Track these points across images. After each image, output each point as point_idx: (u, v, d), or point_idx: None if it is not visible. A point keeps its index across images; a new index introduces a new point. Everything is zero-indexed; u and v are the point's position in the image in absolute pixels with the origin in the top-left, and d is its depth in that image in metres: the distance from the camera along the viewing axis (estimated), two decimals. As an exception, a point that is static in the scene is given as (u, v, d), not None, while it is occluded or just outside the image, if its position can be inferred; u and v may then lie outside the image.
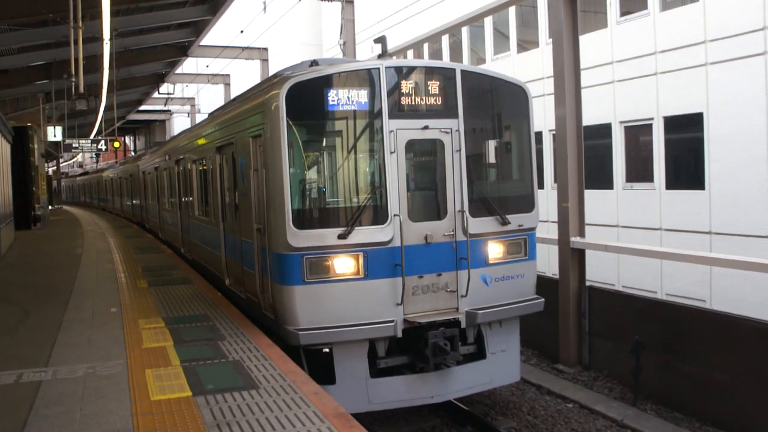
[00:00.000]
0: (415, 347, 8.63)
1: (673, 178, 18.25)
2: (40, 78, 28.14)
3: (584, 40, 13.92)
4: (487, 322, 9.05)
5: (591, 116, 17.25)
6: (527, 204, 9.61)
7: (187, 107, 47.78)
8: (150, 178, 23.68)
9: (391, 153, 8.47)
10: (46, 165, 35.59)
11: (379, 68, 8.54)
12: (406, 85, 8.72)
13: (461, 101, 8.91)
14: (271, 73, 16.15)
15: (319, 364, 8.34)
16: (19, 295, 12.04)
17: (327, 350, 8.35)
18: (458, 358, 8.78)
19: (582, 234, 12.17)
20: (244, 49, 30.66)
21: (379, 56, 9.45)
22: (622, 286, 18.50)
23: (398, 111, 8.63)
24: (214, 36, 29.76)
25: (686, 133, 17.83)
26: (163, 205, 21.07)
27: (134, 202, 30.47)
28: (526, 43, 24.66)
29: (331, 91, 8.34)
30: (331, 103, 8.35)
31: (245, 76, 33.83)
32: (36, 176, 28.40)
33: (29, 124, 28.32)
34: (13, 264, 16.88)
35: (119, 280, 13.23)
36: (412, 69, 9.00)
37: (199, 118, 38.14)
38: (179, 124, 52.54)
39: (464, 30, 27.38)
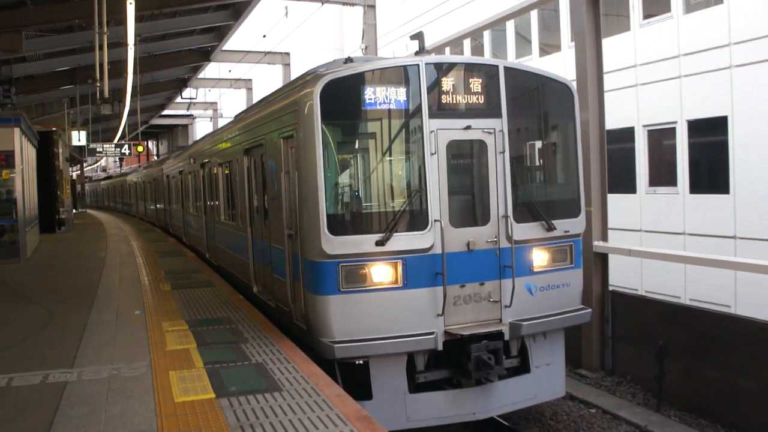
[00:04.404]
0: (455, 361, 8.19)
1: (697, 182, 18.08)
2: (65, 83, 28.54)
3: (607, 43, 13.85)
4: (531, 333, 8.58)
5: (614, 120, 17.16)
6: (573, 208, 9.12)
7: (210, 112, 48.17)
8: (174, 181, 23.66)
9: (432, 154, 8.02)
10: (70, 169, 35.99)
11: (418, 65, 8.08)
12: (447, 83, 8.26)
13: (505, 100, 8.46)
14: (293, 78, 16.10)
15: (354, 378, 7.89)
16: (44, 297, 12.16)
17: (360, 362, 7.94)
18: (502, 373, 8.30)
19: (605, 238, 12.09)
20: (266, 53, 30.82)
21: (416, 53, 8.93)
22: (645, 291, 18.35)
23: (439, 110, 8.17)
24: (236, 41, 30.01)
25: (710, 137, 17.66)
26: (187, 209, 20.88)
27: (158, 206, 30.57)
28: (548, 46, 24.59)
29: (368, 88, 7.89)
30: (368, 101, 7.90)
31: (268, 81, 33.99)
32: (60, 180, 28.67)
33: (54, 128, 28.66)
34: (38, 267, 17.05)
35: (142, 283, 13.33)
36: (452, 66, 8.52)
37: (222, 122, 38.39)
38: (202, 128, 52.91)
39: (486, 34, 27.35)
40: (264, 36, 29.18)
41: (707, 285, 16.93)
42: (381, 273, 7.84)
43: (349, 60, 8.87)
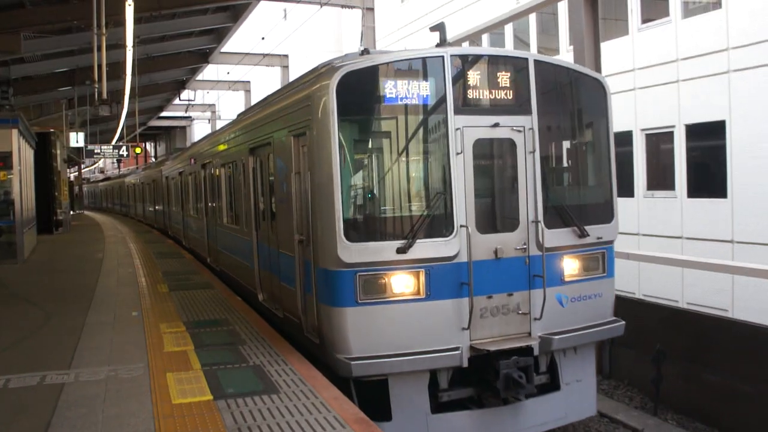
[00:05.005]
0: (481, 377, 7.58)
1: (694, 186, 18.10)
2: (64, 84, 28.54)
3: (605, 47, 13.88)
4: (562, 348, 7.95)
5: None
6: (606, 213, 8.44)
7: (208, 114, 48.20)
8: (174, 183, 23.35)
9: (457, 154, 7.38)
10: (68, 170, 36.01)
11: (443, 56, 7.41)
12: (473, 77, 7.60)
13: (535, 95, 7.81)
14: (293, 79, 15.88)
15: (370, 396, 7.25)
16: (41, 298, 12.14)
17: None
18: (533, 391, 7.63)
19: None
20: (264, 55, 30.83)
21: (437, 46, 8.15)
22: (642, 295, 18.35)
23: (464, 106, 7.51)
24: (235, 43, 30.03)
25: (708, 141, 17.70)
26: (187, 212, 20.40)
27: (157, 207, 30.41)
28: (546, 50, 24.60)
29: (389, 82, 7.24)
30: (388, 96, 7.24)
31: (266, 83, 34.02)
32: (58, 181, 28.69)
33: (52, 130, 28.68)
34: (35, 268, 17.04)
35: (140, 285, 13.31)
36: (479, 58, 7.82)
37: (220, 124, 38.38)
38: (200, 130, 52.99)
39: (484, 37, 27.38)
40: (263, 38, 29.19)
41: (704, 289, 16.95)
42: (402, 283, 7.22)
43: (365, 52, 8.09)
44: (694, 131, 18.05)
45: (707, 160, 18.07)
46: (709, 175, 17.99)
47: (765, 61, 15.74)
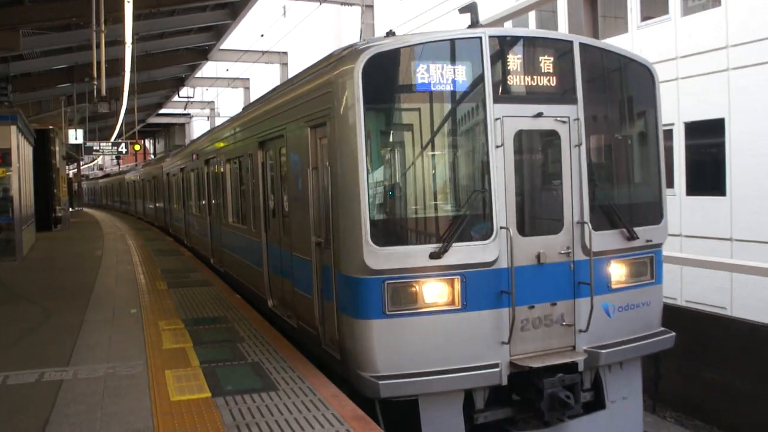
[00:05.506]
0: (521, 395, 6.92)
1: (693, 184, 18.11)
2: (62, 81, 28.55)
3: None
4: (609, 363, 7.22)
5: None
6: (655, 213, 7.69)
7: (207, 111, 48.21)
8: (175, 180, 22.90)
9: (497, 147, 6.63)
10: (67, 167, 36.01)
11: (480, 38, 6.65)
12: (514, 61, 6.83)
13: (580, 83, 7.06)
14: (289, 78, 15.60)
15: (398, 416, 6.60)
16: (40, 295, 12.14)
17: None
18: (579, 412, 6.96)
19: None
20: (263, 53, 30.83)
21: (469, 28, 7.41)
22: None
23: (504, 93, 6.75)
24: (234, 40, 30.01)
25: (707, 139, 17.70)
26: (189, 209, 19.89)
27: (157, 205, 30.07)
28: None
29: (421, 65, 6.45)
30: (420, 81, 6.46)
31: (265, 80, 34.03)
32: (57, 178, 28.66)
33: (51, 126, 28.66)
34: (34, 265, 17.03)
35: (139, 282, 13.31)
36: (519, 40, 7.07)
37: (219, 121, 38.37)
38: (199, 127, 53.02)
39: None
40: (262, 35, 29.19)
41: (703, 287, 16.96)
42: (435, 292, 6.50)
43: (391, 34, 7.32)
44: (693, 129, 18.04)
45: (706, 158, 18.07)
46: (708, 173, 18.00)
47: (764, 59, 15.73)
